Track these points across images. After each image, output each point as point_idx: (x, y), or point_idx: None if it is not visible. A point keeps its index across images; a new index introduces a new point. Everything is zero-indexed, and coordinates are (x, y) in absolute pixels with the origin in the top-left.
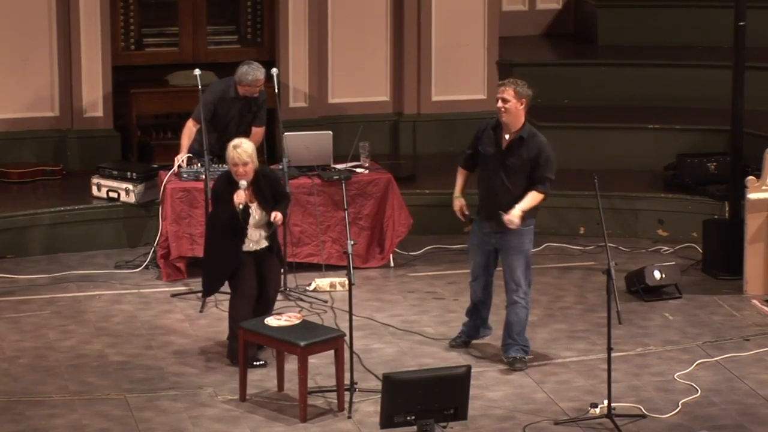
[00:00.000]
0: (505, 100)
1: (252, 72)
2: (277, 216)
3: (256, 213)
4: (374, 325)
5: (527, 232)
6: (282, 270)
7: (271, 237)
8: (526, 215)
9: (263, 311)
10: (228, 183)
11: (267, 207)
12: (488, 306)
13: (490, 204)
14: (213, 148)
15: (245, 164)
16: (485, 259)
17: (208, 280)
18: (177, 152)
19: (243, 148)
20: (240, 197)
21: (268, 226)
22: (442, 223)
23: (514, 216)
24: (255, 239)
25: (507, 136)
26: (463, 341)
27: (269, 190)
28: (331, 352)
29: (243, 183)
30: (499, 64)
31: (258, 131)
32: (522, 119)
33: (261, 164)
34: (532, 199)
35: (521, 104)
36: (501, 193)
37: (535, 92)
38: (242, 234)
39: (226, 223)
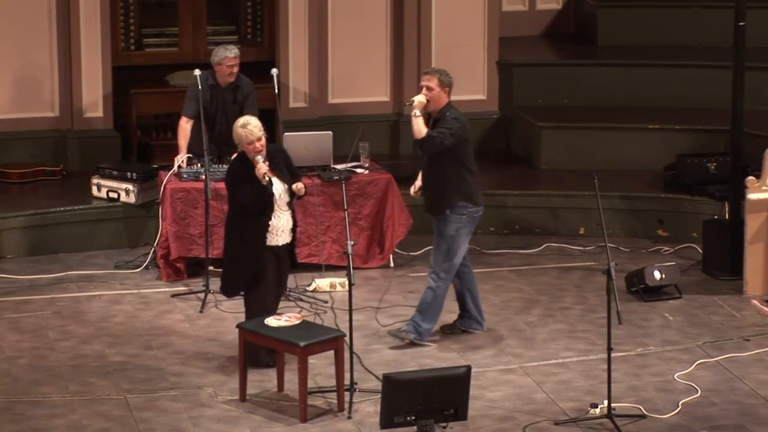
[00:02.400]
0: (429, 88)
1: (219, 52)
2: (299, 185)
3: (278, 186)
4: (374, 325)
5: (451, 218)
6: None
7: (293, 230)
8: (450, 201)
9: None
10: (243, 164)
11: (286, 181)
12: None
13: (426, 190)
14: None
15: (259, 139)
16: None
17: (231, 277)
18: (177, 152)
19: (252, 124)
20: (262, 169)
21: (289, 205)
22: None
23: (414, 110)
24: (281, 227)
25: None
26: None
27: (284, 164)
28: (331, 352)
29: (259, 158)
30: (499, 64)
31: None
32: (443, 102)
33: (268, 142)
34: (420, 124)
35: (444, 92)
36: (428, 177)
37: (535, 92)
38: (270, 211)
39: (255, 199)
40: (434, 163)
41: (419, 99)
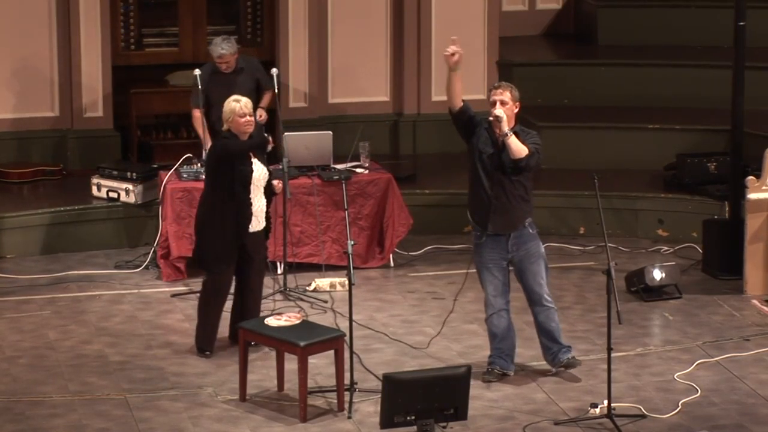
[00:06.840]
0: (504, 102)
1: (213, 48)
2: (279, 184)
3: (257, 168)
4: (374, 325)
5: (535, 234)
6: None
7: (267, 215)
8: (529, 217)
9: (252, 305)
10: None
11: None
12: (514, 333)
13: (501, 210)
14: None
15: (251, 114)
16: (503, 276)
17: (212, 253)
18: (177, 152)
19: (244, 101)
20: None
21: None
22: (442, 223)
23: (505, 127)
24: (257, 208)
25: (500, 139)
26: (499, 375)
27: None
28: (331, 352)
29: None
30: (499, 64)
31: (268, 95)
32: (513, 121)
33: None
34: (518, 142)
35: (516, 107)
36: (510, 194)
37: (535, 92)
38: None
39: (253, 145)
40: (516, 179)
41: (501, 114)
